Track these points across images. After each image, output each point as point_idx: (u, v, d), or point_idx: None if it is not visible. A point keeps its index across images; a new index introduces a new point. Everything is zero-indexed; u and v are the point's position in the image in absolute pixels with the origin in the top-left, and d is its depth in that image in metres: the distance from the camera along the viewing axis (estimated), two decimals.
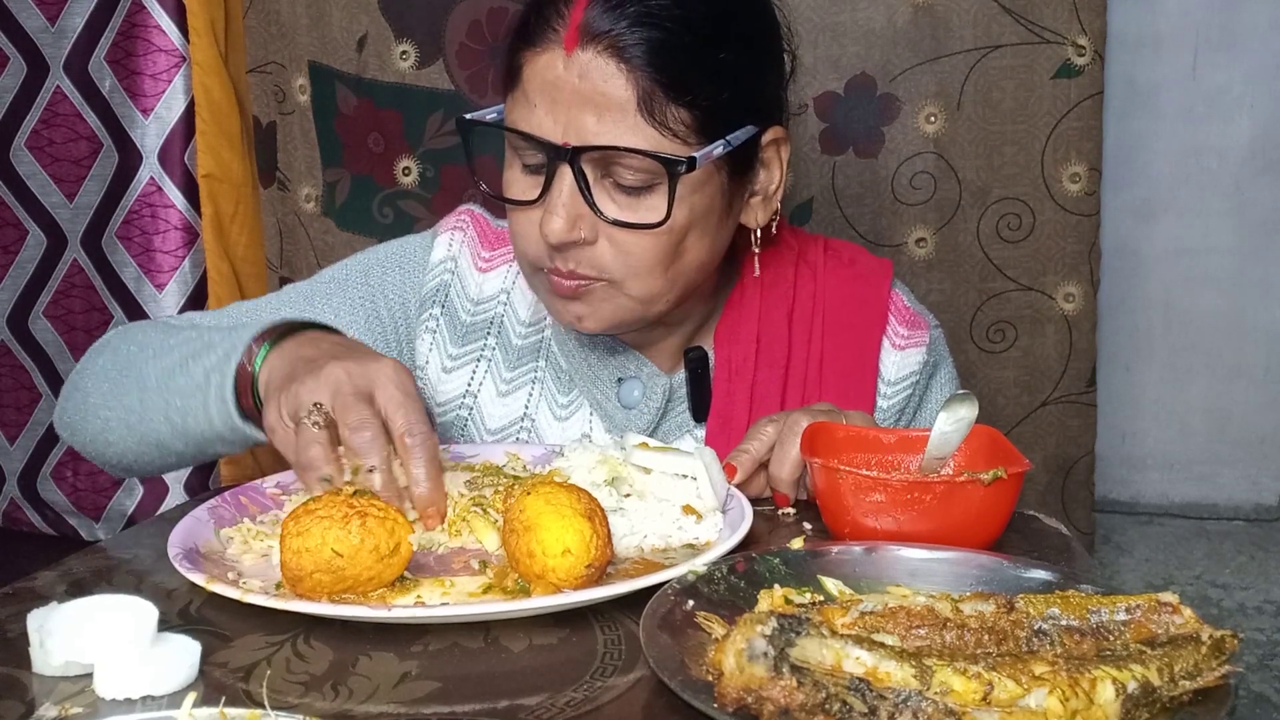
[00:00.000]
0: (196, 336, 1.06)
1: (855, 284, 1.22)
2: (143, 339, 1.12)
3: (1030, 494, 1.87)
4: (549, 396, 1.21)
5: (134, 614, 0.69)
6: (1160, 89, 2.28)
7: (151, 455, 1.10)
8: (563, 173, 1.02)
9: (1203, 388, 2.40)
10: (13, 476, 2.34)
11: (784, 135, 1.12)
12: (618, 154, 1.01)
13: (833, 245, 1.26)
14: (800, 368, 1.19)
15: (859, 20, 1.80)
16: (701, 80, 1.02)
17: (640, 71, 1.00)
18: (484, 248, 1.24)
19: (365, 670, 0.69)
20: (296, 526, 0.76)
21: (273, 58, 2.00)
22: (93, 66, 2.08)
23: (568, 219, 1.02)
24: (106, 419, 1.11)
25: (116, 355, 1.12)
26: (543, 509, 0.77)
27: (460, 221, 1.25)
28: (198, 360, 1.03)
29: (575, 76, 1.00)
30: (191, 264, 2.10)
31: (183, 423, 1.03)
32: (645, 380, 1.18)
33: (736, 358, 1.18)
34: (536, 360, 1.22)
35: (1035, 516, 0.98)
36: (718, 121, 1.04)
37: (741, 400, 1.17)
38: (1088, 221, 1.82)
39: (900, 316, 1.22)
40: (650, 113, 1.00)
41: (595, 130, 1.00)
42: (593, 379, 1.19)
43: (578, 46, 1.00)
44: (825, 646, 0.61)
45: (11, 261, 2.24)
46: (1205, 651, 0.64)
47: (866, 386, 1.19)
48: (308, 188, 2.02)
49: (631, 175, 1.02)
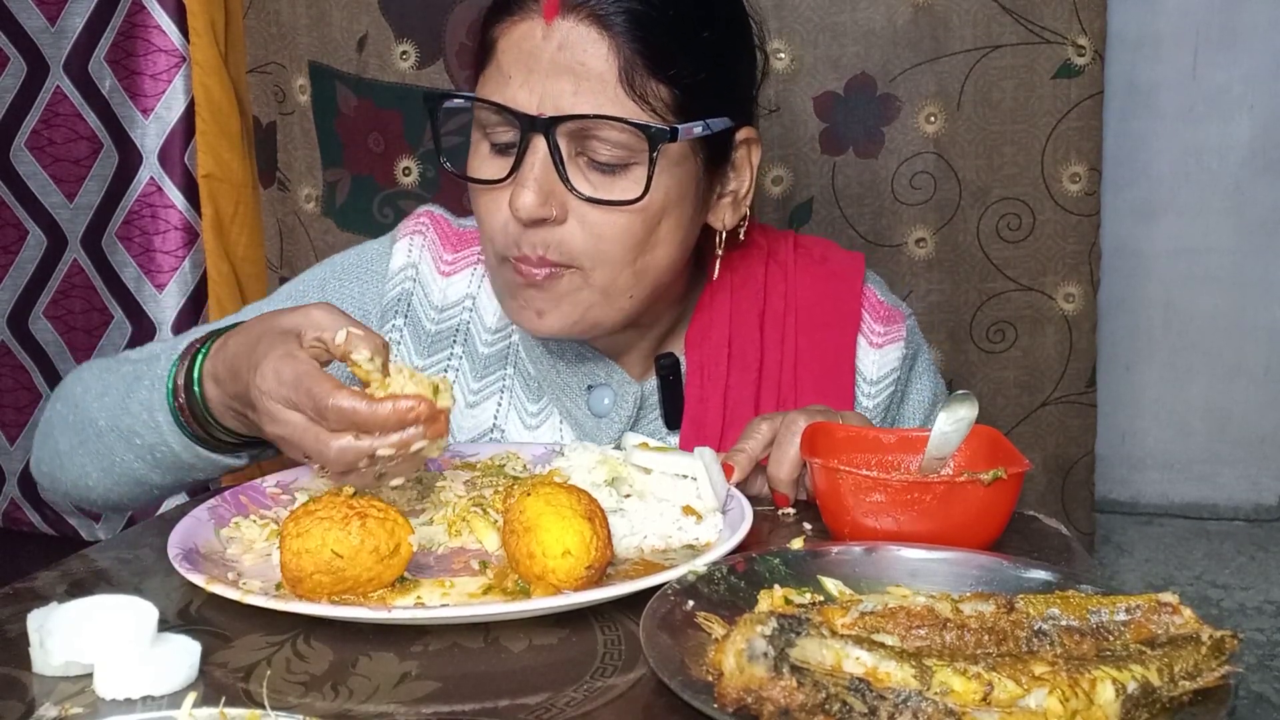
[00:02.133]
0: (130, 370, 1.04)
1: (828, 282, 1.20)
2: (87, 378, 1.09)
3: (1030, 494, 1.87)
4: (518, 405, 1.18)
5: (134, 614, 0.69)
6: (1160, 89, 2.28)
7: (135, 491, 1.07)
8: (536, 145, 0.99)
9: (1203, 387, 2.40)
10: (13, 476, 2.34)
11: (755, 136, 1.11)
12: (596, 126, 0.99)
13: (803, 242, 1.23)
14: (774, 370, 1.17)
15: (859, 20, 1.80)
16: (683, 56, 1.00)
17: (622, 40, 0.98)
18: (446, 250, 1.20)
19: (365, 670, 0.69)
20: (296, 527, 0.76)
21: (273, 58, 2.00)
22: (93, 66, 2.08)
23: (539, 193, 0.99)
24: (81, 465, 1.08)
25: (69, 401, 1.10)
26: (543, 510, 0.77)
27: (419, 225, 1.21)
28: (132, 397, 1.01)
29: (554, 46, 0.98)
30: (191, 264, 2.10)
31: (152, 456, 1.02)
32: (615, 387, 1.16)
33: (708, 363, 1.16)
34: (504, 368, 1.18)
35: (1035, 516, 0.98)
36: (696, 102, 1.02)
37: (715, 405, 1.15)
38: (1088, 221, 1.82)
39: (875, 313, 1.20)
40: (631, 84, 0.99)
41: (572, 101, 0.98)
42: (562, 387, 1.16)
43: (558, 15, 0.98)
44: (825, 646, 0.61)
45: (11, 261, 2.24)
46: (1205, 652, 0.64)
47: (844, 386, 1.17)
48: (308, 188, 2.02)
49: (608, 151, 0.99)
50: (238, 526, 0.90)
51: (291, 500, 0.97)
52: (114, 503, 1.11)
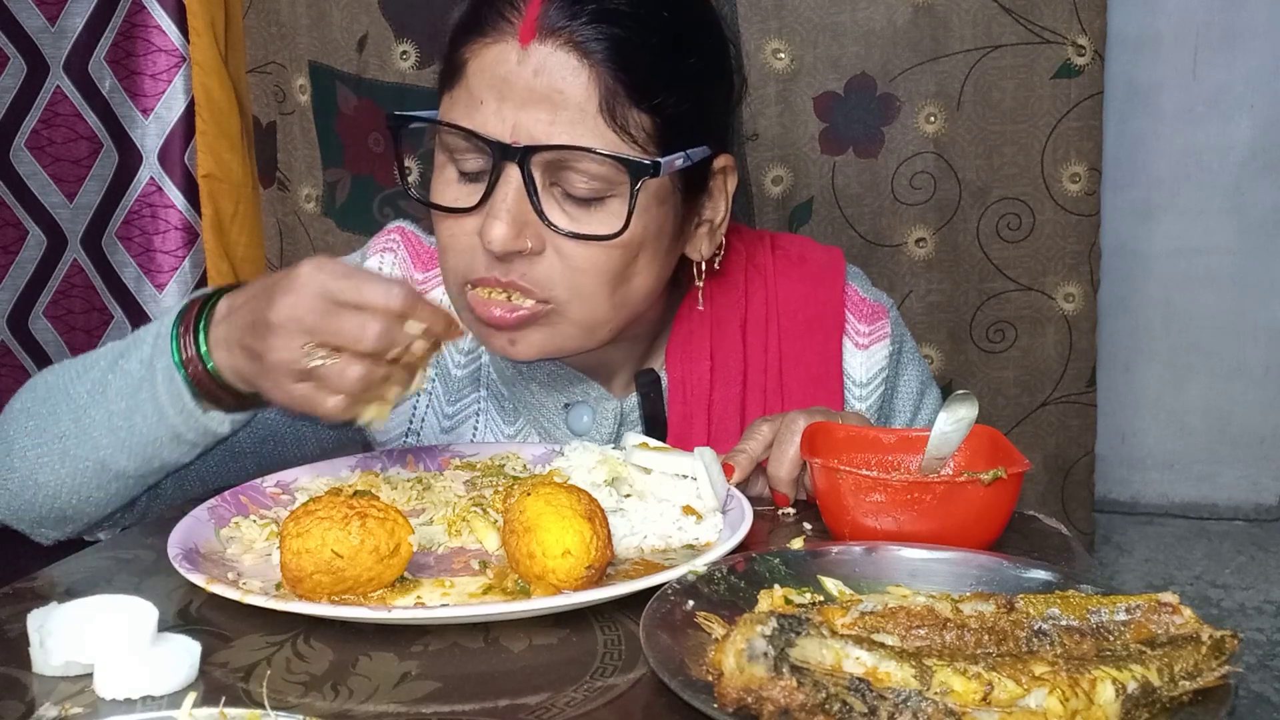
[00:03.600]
0: (114, 345, 0.99)
1: (808, 284, 1.17)
2: (59, 370, 1.03)
3: (1030, 494, 1.87)
4: (494, 428, 1.15)
5: (134, 614, 0.69)
6: (1160, 89, 2.28)
7: (89, 486, 0.99)
8: (509, 175, 0.94)
9: (1203, 388, 2.41)
10: None
11: (731, 165, 1.07)
12: (572, 158, 0.94)
13: (780, 242, 1.20)
14: (759, 379, 1.14)
15: (859, 20, 1.80)
16: (666, 85, 0.96)
17: (602, 69, 0.93)
18: (417, 269, 1.16)
19: (365, 670, 0.69)
20: (296, 527, 0.76)
21: (273, 58, 2.00)
22: (93, 66, 2.08)
23: (513, 224, 0.94)
24: (37, 456, 0.99)
25: (35, 392, 1.03)
26: (543, 510, 0.77)
27: (390, 241, 1.17)
28: (129, 357, 0.96)
29: (530, 72, 0.93)
30: (191, 264, 2.10)
31: (127, 427, 0.95)
32: (594, 405, 1.12)
33: (691, 377, 1.12)
34: (477, 390, 1.15)
35: (1035, 516, 0.98)
36: (676, 133, 0.98)
37: (700, 421, 1.12)
38: (1088, 221, 1.82)
39: (858, 312, 1.17)
40: (612, 114, 0.94)
41: (548, 131, 0.93)
42: (538, 407, 1.13)
43: (534, 39, 0.93)
44: (825, 646, 0.61)
45: (11, 261, 2.24)
46: (1205, 651, 0.64)
47: (832, 391, 1.15)
48: (308, 188, 2.02)
49: (584, 184, 0.95)
50: (238, 526, 0.90)
51: (291, 500, 0.97)
52: (60, 507, 1.01)
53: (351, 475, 1.01)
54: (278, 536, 0.81)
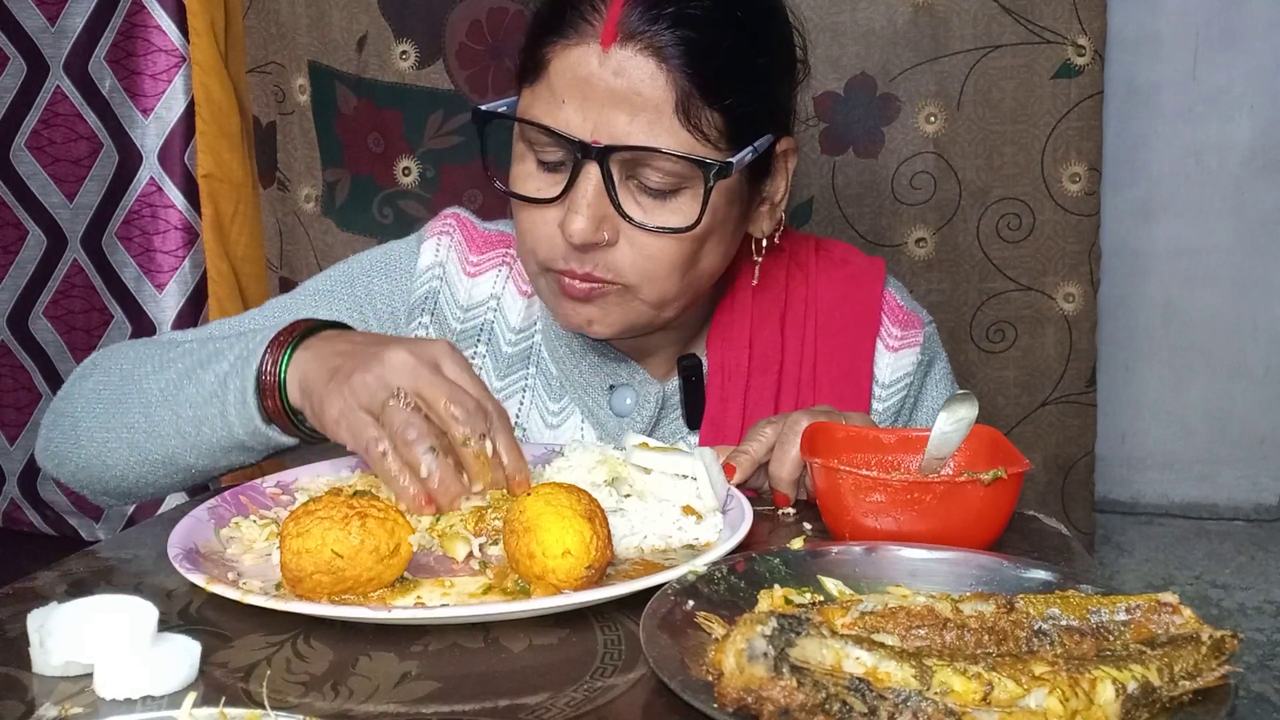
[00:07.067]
0: (198, 347, 1.04)
1: (848, 285, 1.21)
2: (135, 355, 1.08)
3: (1030, 494, 1.87)
4: (540, 404, 1.19)
5: (134, 614, 0.69)
6: (1160, 89, 2.28)
7: (157, 474, 1.06)
8: (589, 172, 1.00)
9: (1203, 388, 2.41)
10: (13, 476, 2.34)
11: (793, 146, 1.12)
12: (650, 156, 0.99)
13: (824, 245, 1.24)
14: (794, 371, 1.18)
15: (859, 20, 1.80)
16: (738, 86, 1.01)
17: (679, 73, 0.98)
18: (471, 252, 1.21)
19: (365, 670, 0.69)
20: (296, 527, 0.76)
21: (273, 58, 2.00)
22: (93, 66, 2.08)
23: (592, 219, 1.00)
24: (105, 440, 1.06)
25: (109, 375, 1.08)
26: (543, 510, 0.77)
27: (446, 226, 1.23)
28: (207, 369, 1.00)
29: (610, 74, 0.98)
30: (191, 264, 2.10)
31: (195, 434, 1.01)
32: (638, 387, 1.17)
33: (730, 364, 1.17)
34: (526, 367, 1.20)
35: (1035, 516, 0.98)
36: (747, 128, 1.03)
37: (735, 406, 1.16)
38: (1088, 221, 1.82)
39: (893, 316, 1.20)
40: (686, 115, 0.99)
41: (627, 130, 0.99)
42: (584, 386, 1.17)
43: (615, 43, 0.98)
44: (825, 646, 0.61)
45: (11, 261, 2.24)
46: (1205, 651, 0.64)
47: (861, 389, 1.18)
48: (308, 188, 2.02)
49: (659, 178, 1.00)
50: (238, 526, 0.90)
51: (291, 500, 0.97)
52: (128, 487, 1.09)
53: (351, 475, 1.01)
54: (278, 536, 0.81)
